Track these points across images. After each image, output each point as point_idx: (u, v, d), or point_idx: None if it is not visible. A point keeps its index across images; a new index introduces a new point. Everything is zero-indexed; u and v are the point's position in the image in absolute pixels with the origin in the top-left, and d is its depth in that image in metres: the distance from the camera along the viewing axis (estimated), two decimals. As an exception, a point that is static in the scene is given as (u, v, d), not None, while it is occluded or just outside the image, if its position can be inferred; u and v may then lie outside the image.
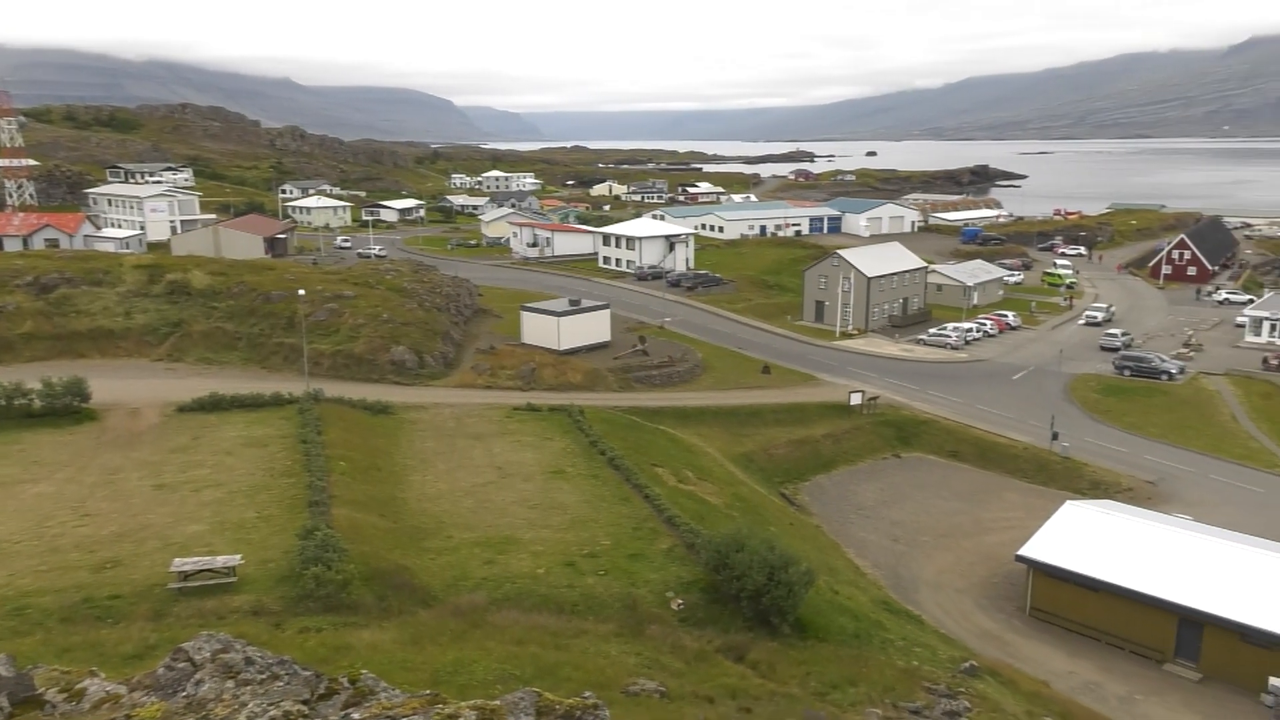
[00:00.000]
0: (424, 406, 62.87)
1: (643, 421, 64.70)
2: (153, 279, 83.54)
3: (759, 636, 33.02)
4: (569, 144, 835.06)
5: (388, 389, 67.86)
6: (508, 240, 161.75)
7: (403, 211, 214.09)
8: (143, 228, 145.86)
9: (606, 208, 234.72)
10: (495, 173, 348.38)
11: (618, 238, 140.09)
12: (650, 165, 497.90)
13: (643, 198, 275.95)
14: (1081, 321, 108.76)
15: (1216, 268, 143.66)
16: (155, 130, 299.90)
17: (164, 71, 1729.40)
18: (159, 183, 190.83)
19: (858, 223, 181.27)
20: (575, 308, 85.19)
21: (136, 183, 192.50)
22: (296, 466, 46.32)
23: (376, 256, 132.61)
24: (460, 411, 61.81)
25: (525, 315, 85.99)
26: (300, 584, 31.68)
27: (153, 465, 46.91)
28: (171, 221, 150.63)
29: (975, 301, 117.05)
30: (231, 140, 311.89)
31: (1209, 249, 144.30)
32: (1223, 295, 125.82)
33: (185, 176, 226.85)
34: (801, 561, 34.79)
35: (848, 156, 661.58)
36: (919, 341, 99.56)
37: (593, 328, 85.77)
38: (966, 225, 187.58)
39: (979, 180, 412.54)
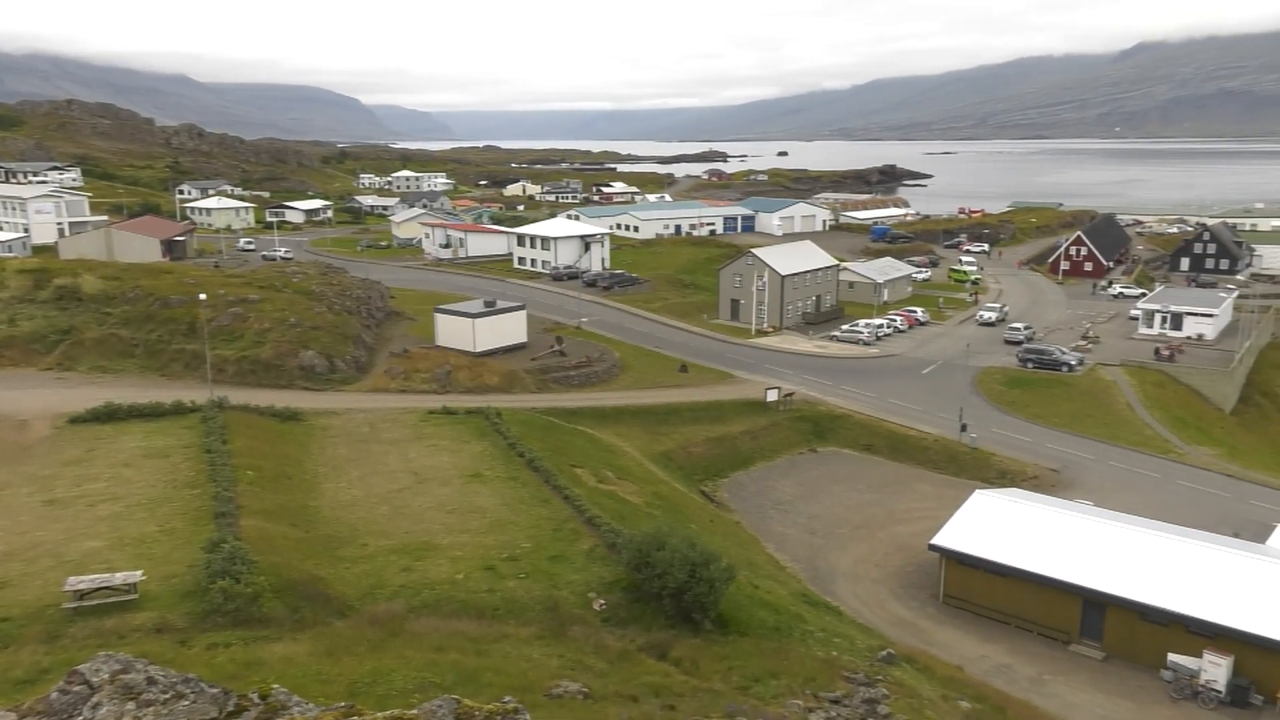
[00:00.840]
0: (336, 412, 61.28)
1: (561, 422, 64.31)
2: (39, 284, 79.50)
3: (682, 634, 33.08)
4: (481, 143, 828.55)
5: (297, 395, 65.93)
6: (420, 241, 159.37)
7: (309, 212, 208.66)
8: (27, 230, 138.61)
9: (520, 208, 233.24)
10: (406, 173, 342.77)
11: (533, 238, 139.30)
12: (564, 165, 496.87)
13: (557, 198, 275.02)
14: (977, 321, 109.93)
15: (1111, 263, 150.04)
16: (38, 128, 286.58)
17: (47, 65, 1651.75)
18: (44, 183, 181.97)
19: (771, 222, 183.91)
20: (491, 309, 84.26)
21: (19, 183, 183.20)
22: (201, 477, 44.53)
23: (282, 259, 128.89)
24: (374, 416, 60.44)
25: (439, 317, 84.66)
26: (207, 599, 30.44)
27: (43, 480, 44.53)
28: (59, 223, 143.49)
29: (885, 298, 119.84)
30: (123, 139, 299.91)
31: (1104, 245, 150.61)
32: (1117, 289, 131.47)
33: (73, 176, 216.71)
34: (722, 558, 34.99)
35: (760, 156, 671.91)
36: (832, 338, 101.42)
37: (509, 329, 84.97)
38: (876, 224, 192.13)
39: (887, 180, 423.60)
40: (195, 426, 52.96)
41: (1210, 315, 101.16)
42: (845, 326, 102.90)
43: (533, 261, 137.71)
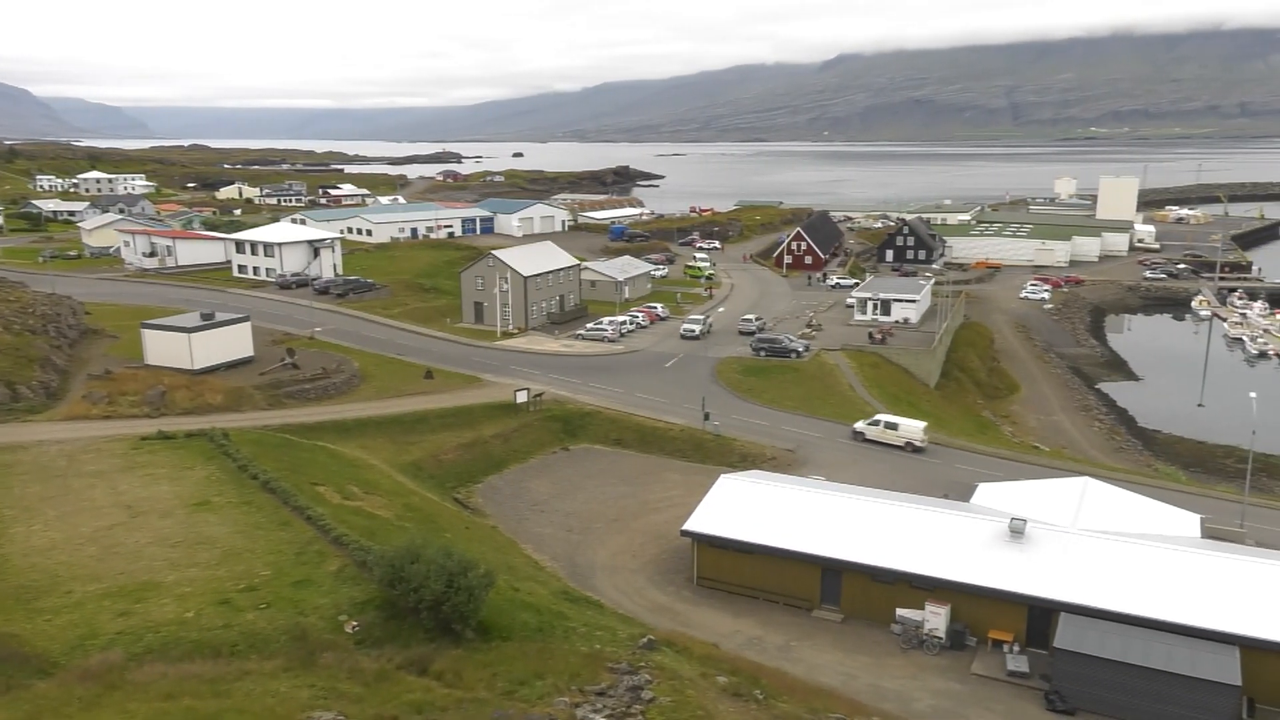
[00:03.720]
0: (22, 446, 53.76)
1: (298, 439, 60.42)
2: None
3: (442, 646, 32.06)
4: (186, 142, 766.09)
5: (-27, 429, 57.34)
6: (118, 250, 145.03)
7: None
8: None
9: (238, 212, 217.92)
10: (95, 174, 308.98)
11: (254, 244, 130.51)
12: (285, 166, 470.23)
13: (279, 200, 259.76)
14: (681, 335, 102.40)
15: (828, 256, 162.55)
16: None
17: None
18: None
19: (510, 223, 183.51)
20: (209, 322, 77.98)
21: None
22: None
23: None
24: (72, 448, 53.64)
25: (148, 333, 77.27)
26: None
27: None
28: None
29: (627, 295, 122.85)
30: None
31: (821, 239, 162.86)
32: (834, 280, 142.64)
33: None
34: (480, 564, 34.20)
35: (495, 158, 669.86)
36: (578, 336, 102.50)
37: (231, 342, 78.99)
38: (613, 223, 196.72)
39: (621, 180, 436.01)
40: None
41: (913, 301, 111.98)
42: (590, 325, 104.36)
43: (255, 269, 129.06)
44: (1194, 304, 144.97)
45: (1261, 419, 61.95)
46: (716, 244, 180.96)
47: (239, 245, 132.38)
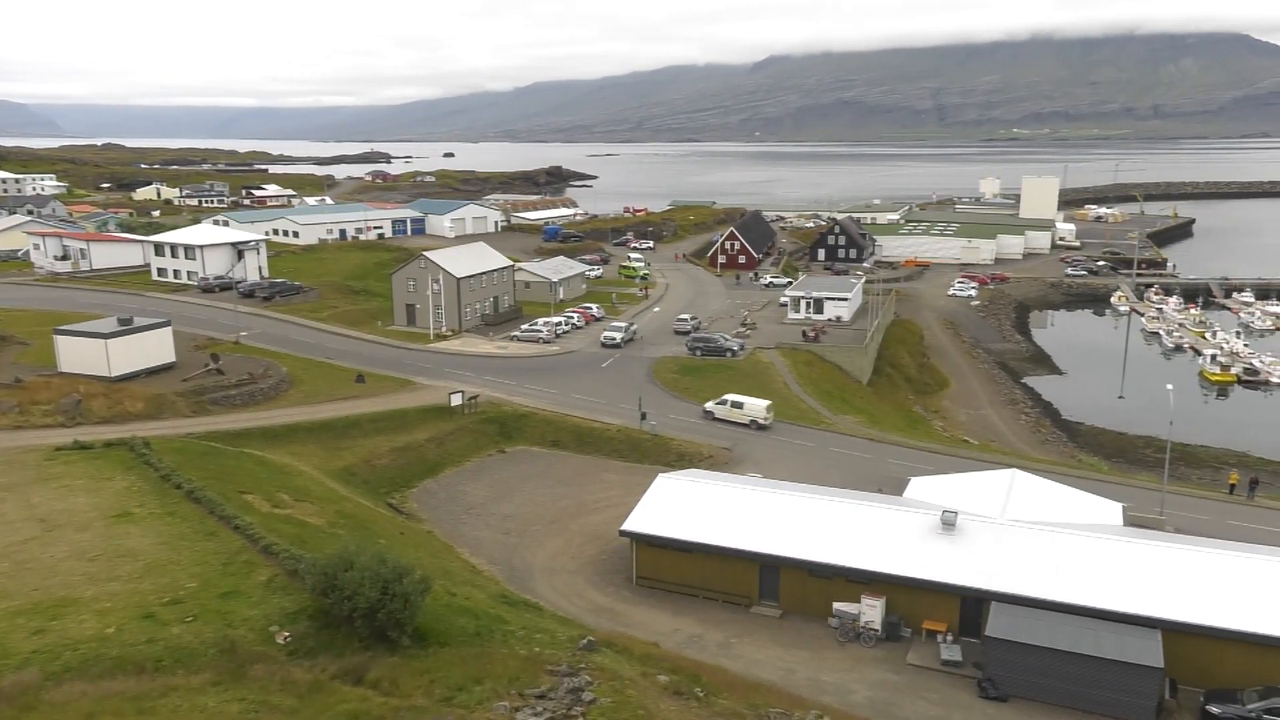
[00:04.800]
0: (-70, 458, 51.38)
1: (224, 447, 58.79)
2: None
3: (378, 654, 31.49)
4: (99, 141, 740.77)
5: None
6: (26, 253, 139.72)
7: None
8: None
9: (156, 213, 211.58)
10: (0, 174, 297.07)
11: (174, 246, 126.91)
12: (206, 166, 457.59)
13: (200, 202, 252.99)
14: (602, 343, 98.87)
15: (761, 255, 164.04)
16: None
17: None
18: None
19: (442, 224, 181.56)
20: (127, 327, 75.50)
21: None
22: None
23: None
24: (-16, 459, 51.38)
25: (61, 340, 74.61)
26: None
27: None
28: None
29: (561, 296, 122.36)
30: None
31: (754, 239, 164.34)
32: (767, 280, 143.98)
33: None
34: (416, 570, 33.64)
35: (425, 158, 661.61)
36: (512, 338, 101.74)
37: (152, 348, 76.62)
38: (547, 224, 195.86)
39: (554, 181, 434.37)
40: None
41: (845, 299, 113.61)
42: (525, 326, 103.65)
43: (176, 273, 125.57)
44: (1113, 300, 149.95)
45: (1178, 410, 64.16)
46: (651, 244, 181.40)
47: (158, 248, 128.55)
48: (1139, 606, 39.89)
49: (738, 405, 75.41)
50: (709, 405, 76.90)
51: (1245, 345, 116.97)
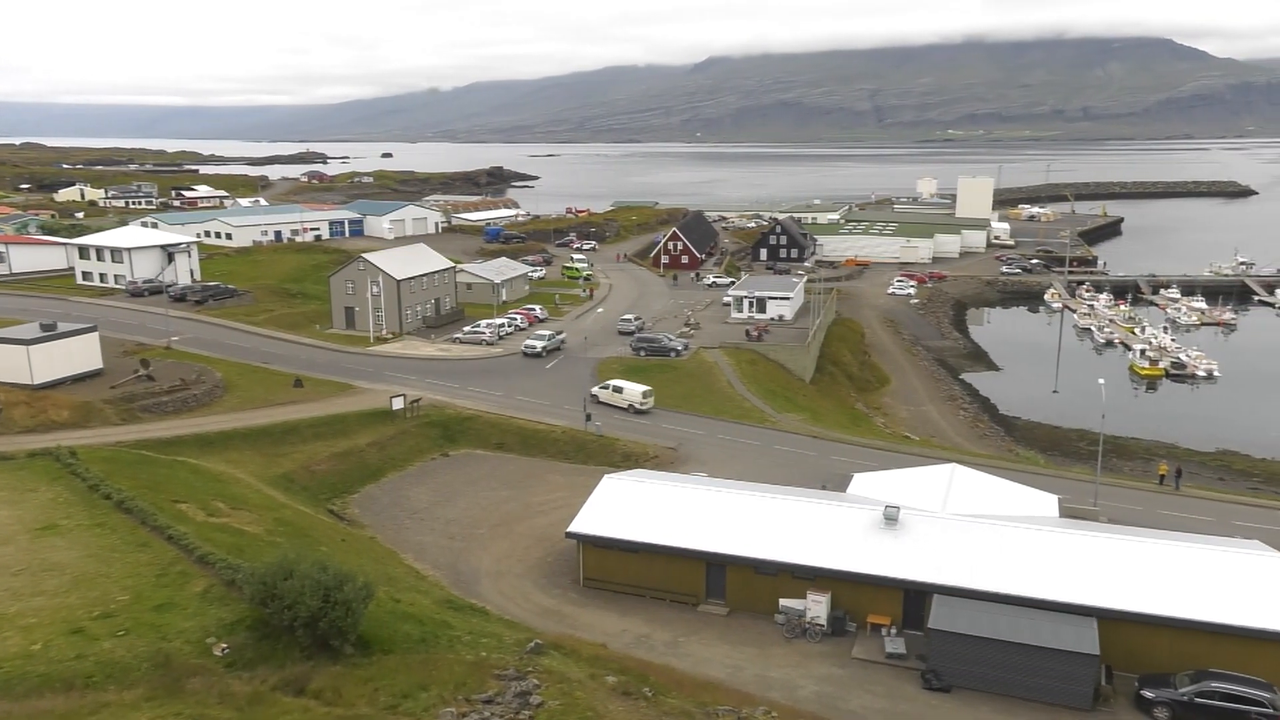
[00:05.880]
0: None
1: (156, 455, 57.14)
2: None
3: (320, 663, 30.82)
4: (17, 140, 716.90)
5: None
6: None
7: None
8: None
9: (80, 215, 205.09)
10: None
11: (100, 249, 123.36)
12: (132, 166, 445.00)
13: (128, 203, 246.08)
14: (523, 351, 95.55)
15: (704, 255, 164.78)
16: None
17: None
18: None
19: (381, 225, 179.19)
20: (50, 333, 73.08)
21: None
22: None
23: None
24: (-100, 471, 49.22)
25: (-19, 347, 71.74)
26: None
27: None
28: None
29: (504, 298, 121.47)
30: None
31: (697, 239, 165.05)
32: (710, 279, 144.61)
33: None
34: (358, 577, 33.01)
35: (363, 158, 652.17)
36: (455, 340, 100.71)
37: (77, 354, 74.33)
38: (489, 225, 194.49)
39: (495, 181, 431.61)
40: None
41: (787, 298, 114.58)
42: (467, 328, 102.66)
43: (103, 276, 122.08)
44: (1046, 297, 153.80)
45: (1110, 404, 65.92)
46: (594, 244, 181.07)
47: (83, 251, 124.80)
48: (1075, 596, 40.81)
49: (618, 390, 79.23)
50: (594, 389, 79.82)
51: (1172, 340, 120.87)
